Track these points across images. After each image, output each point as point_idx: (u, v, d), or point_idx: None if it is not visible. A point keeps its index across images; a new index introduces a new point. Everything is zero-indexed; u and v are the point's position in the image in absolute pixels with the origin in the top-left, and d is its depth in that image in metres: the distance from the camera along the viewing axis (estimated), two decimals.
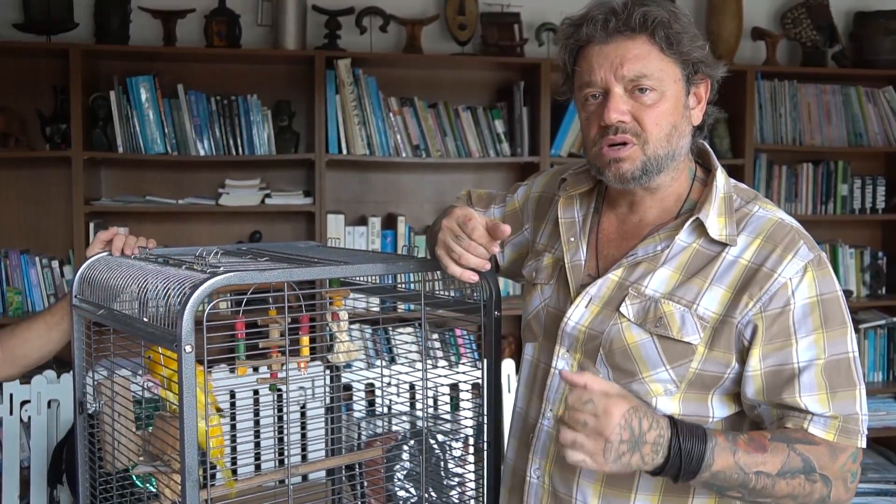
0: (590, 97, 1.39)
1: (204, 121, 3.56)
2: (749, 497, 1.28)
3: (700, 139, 1.48)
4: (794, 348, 1.31)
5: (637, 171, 1.37)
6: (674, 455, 1.23)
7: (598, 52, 1.37)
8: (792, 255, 1.33)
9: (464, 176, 3.96)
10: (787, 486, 1.27)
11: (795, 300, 1.31)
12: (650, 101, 1.35)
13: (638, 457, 1.22)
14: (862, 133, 4.11)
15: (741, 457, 1.25)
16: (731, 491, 1.27)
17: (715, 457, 1.24)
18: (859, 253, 4.18)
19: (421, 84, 3.85)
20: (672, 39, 1.35)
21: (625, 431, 1.20)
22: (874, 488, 4.04)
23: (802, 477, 1.27)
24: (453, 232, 1.42)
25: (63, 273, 3.57)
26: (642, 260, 1.40)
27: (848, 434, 1.31)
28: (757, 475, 1.25)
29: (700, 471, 1.24)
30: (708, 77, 1.42)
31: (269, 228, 3.78)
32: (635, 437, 1.21)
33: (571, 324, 1.43)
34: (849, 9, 4.20)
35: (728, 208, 1.39)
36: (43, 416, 2.93)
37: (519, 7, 3.88)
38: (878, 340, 4.16)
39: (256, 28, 3.76)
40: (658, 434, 1.22)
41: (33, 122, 3.52)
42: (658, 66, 1.35)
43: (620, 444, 1.20)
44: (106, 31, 3.50)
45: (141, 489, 1.58)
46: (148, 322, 1.32)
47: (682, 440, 1.23)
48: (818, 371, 1.30)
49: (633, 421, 1.21)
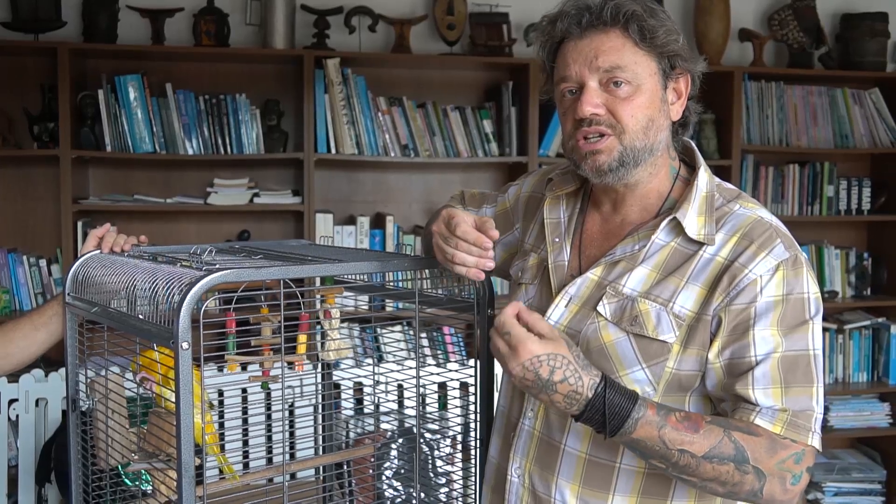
0: (566, 92, 1.40)
1: (192, 120, 3.55)
2: (673, 471, 1.29)
3: (685, 136, 1.47)
4: (751, 341, 1.30)
5: (614, 162, 1.37)
6: (589, 413, 1.25)
7: (573, 47, 1.38)
8: (766, 253, 1.32)
9: (452, 176, 3.97)
10: (712, 471, 1.26)
11: (762, 297, 1.30)
12: (625, 94, 1.35)
13: (547, 399, 1.26)
14: (848, 134, 4.14)
15: (668, 432, 1.26)
16: (653, 460, 1.28)
17: (637, 427, 1.25)
18: (845, 254, 4.21)
19: (410, 84, 3.86)
20: (646, 32, 1.35)
21: (528, 373, 1.24)
22: (857, 488, 4.08)
23: (732, 465, 1.26)
24: (442, 234, 1.42)
25: (51, 272, 3.56)
26: (620, 259, 1.40)
27: (796, 429, 1.29)
28: (681, 453, 1.26)
29: (620, 434, 1.26)
30: (687, 71, 1.41)
31: (257, 228, 3.77)
32: (542, 383, 1.24)
33: (551, 323, 1.44)
34: (835, 11, 4.23)
35: (709, 207, 1.39)
36: (31, 414, 2.92)
37: (507, 7, 3.89)
38: (863, 341, 4.19)
39: (245, 27, 3.76)
40: (573, 389, 1.24)
41: (21, 121, 3.51)
42: (632, 59, 1.35)
43: (523, 381, 1.25)
44: (94, 29, 3.49)
45: (128, 486, 1.58)
46: (144, 319, 1.32)
47: (606, 402, 1.25)
48: (774, 364, 1.29)
49: (542, 368, 1.23)
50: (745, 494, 1.29)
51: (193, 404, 1.22)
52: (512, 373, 1.25)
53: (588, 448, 1.40)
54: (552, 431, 1.43)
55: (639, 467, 1.38)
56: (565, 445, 1.41)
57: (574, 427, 1.40)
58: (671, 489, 1.38)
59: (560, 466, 1.41)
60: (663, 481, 1.38)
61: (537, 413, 1.45)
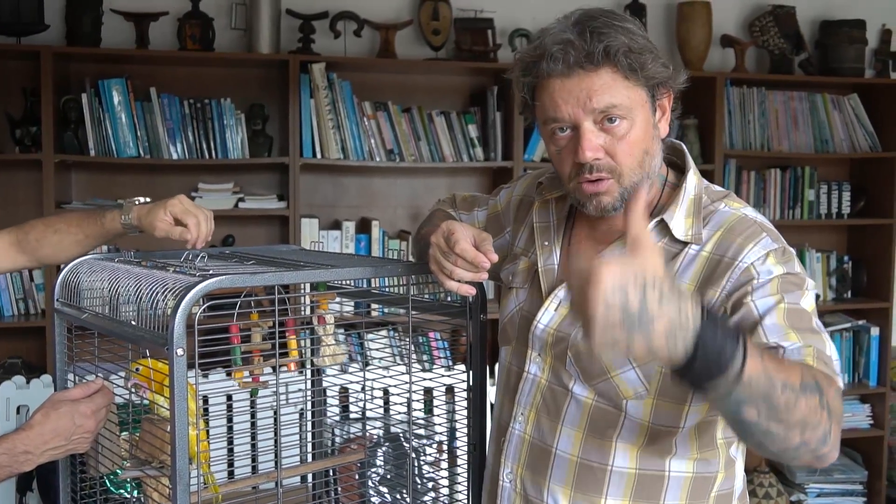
0: (557, 131, 1.37)
1: (177, 124, 3.53)
2: (764, 421, 1.09)
3: (669, 138, 1.46)
4: (751, 306, 1.26)
5: (616, 202, 1.37)
6: (702, 347, 1.00)
7: (560, 86, 1.33)
8: (753, 244, 1.32)
9: (437, 180, 3.97)
10: (805, 406, 1.09)
11: (758, 278, 1.29)
12: (622, 132, 1.34)
13: (642, 341, 0.98)
14: (828, 139, 4.19)
15: (768, 362, 1.07)
16: (748, 406, 1.07)
17: (748, 358, 1.03)
18: (825, 257, 4.26)
19: (395, 88, 3.86)
20: (635, 65, 1.32)
21: (613, 309, 0.97)
22: (840, 489, 4.12)
23: (816, 398, 1.10)
24: (441, 248, 1.41)
25: (32, 277, 3.53)
26: None
27: (825, 366, 1.20)
28: (783, 387, 1.07)
29: (726, 372, 1.02)
30: (671, 90, 1.40)
31: (242, 232, 3.76)
32: (634, 316, 0.97)
33: (541, 327, 1.44)
34: (814, 17, 4.28)
35: (696, 209, 1.40)
36: (12, 421, 2.90)
37: (492, 13, 3.90)
38: (844, 343, 4.23)
39: (230, 31, 3.75)
40: (676, 319, 0.99)
41: (2, 125, 3.47)
42: (625, 95, 1.33)
43: (609, 323, 0.97)
44: (77, 33, 3.47)
45: (116, 495, 1.57)
46: (136, 325, 1.32)
47: (713, 334, 1.01)
48: (780, 315, 1.24)
49: (631, 294, 0.97)
50: (818, 441, 1.13)
51: (188, 416, 1.22)
52: (596, 310, 0.97)
53: (579, 451, 1.40)
54: (543, 435, 1.44)
55: (631, 469, 1.38)
56: (556, 449, 1.42)
57: (565, 430, 1.41)
58: (663, 490, 1.39)
59: (551, 470, 1.42)
60: (655, 482, 1.39)
61: (528, 417, 1.45)
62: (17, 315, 3.53)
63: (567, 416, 1.41)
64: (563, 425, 1.40)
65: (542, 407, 1.44)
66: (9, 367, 3.32)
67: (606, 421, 1.38)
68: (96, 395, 1.45)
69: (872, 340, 4.21)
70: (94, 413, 1.44)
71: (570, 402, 1.41)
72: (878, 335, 4.21)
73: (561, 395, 1.42)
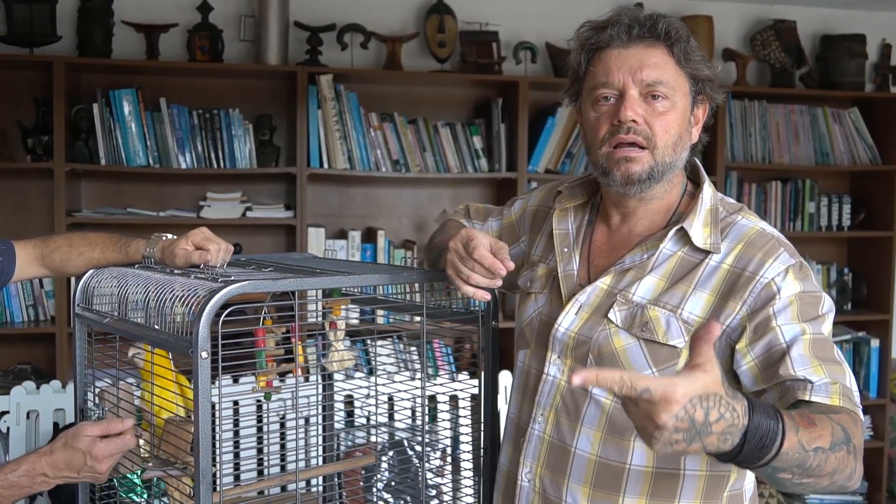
0: (601, 98, 1.45)
1: (186, 134, 3.58)
2: (796, 479, 1.18)
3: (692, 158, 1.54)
4: (778, 332, 1.33)
5: (644, 173, 1.42)
6: (749, 443, 1.10)
7: (616, 55, 1.43)
8: (773, 259, 1.38)
9: (442, 191, 4.02)
10: (835, 461, 1.18)
11: (779, 297, 1.35)
12: (662, 109, 1.42)
13: (698, 445, 1.07)
14: (828, 152, 4.23)
15: (802, 434, 1.15)
16: (783, 472, 1.16)
17: (785, 439, 1.12)
18: (826, 269, 4.29)
19: (401, 100, 3.91)
20: (688, 55, 1.43)
21: (681, 423, 1.05)
22: (840, 499, 4.14)
23: (845, 449, 1.19)
24: (459, 253, 1.45)
25: (42, 284, 3.57)
26: (630, 268, 1.46)
27: (850, 402, 1.27)
28: (815, 452, 1.16)
29: (766, 456, 1.12)
30: (709, 99, 1.49)
31: (249, 241, 3.80)
32: (696, 428, 1.05)
33: (562, 330, 1.48)
34: (815, 32, 4.33)
35: (714, 219, 1.45)
36: (22, 426, 2.92)
37: (497, 26, 3.95)
38: (844, 355, 4.23)
39: (239, 43, 3.80)
40: (730, 424, 1.07)
41: (15, 134, 3.52)
42: (673, 77, 1.43)
43: (675, 434, 1.05)
44: (89, 44, 3.52)
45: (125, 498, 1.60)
46: (160, 329, 1.35)
47: (760, 424, 1.10)
48: (805, 345, 1.31)
49: (697, 412, 1.05)
50: (844, 479, 1.21)
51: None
52: (666, 425, 1.04)
53: (598, 451, 1.44)
54: (562, 435, 1.47)
55: (648, 468, 1.42)
56: (576, 448, 1.45)
57: (584, 430, 1.45)
58: (678, 489, 1.42)
59: (571, 469, 1.45)
60: (671, 482, 1.42)
61: (547, 417, 1.49)
62: (27, 321, 3.57)
63: (587, 417, 1.45)
64: (582, 425, 1.44)
65: (561, 408, 1.48)
66: (19, 372, 3.36)
67: (625, 421, 1.41)
68: (117, 439, 1.49)
69: (872, 352, 4.24)
70: (106, 458, 1.48)
71: (590, 403, 1.44)
72: (878, 347, 4.25)
73: (581, 396, 1.45)
